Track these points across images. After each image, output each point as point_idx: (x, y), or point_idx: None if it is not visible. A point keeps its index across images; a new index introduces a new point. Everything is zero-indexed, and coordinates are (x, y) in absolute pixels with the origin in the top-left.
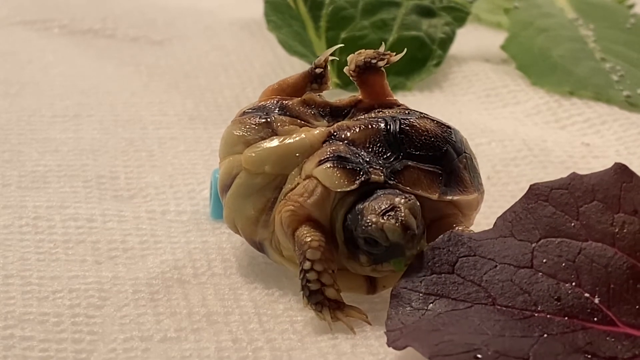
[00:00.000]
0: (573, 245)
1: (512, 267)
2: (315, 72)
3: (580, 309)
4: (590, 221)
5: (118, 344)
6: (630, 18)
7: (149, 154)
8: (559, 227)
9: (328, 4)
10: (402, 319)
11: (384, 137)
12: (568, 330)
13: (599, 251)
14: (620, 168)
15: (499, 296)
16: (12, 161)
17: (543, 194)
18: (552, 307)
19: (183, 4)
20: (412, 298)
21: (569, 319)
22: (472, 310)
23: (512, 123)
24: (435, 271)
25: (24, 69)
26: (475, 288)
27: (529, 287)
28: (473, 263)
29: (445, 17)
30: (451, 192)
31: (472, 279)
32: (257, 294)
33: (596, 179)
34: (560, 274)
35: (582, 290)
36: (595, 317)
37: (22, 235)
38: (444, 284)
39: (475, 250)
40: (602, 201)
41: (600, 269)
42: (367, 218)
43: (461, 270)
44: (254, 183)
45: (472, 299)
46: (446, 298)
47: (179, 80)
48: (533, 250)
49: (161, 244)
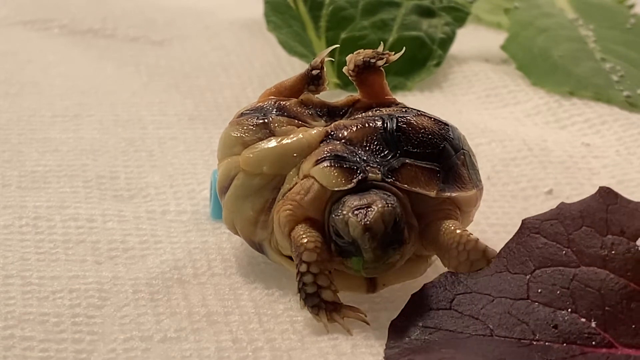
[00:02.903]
0: (566, 273)
1: (509, 299)
2: (312, 73)
3: (577, 334)
4: (581, 247)
5: (118, 344)
6: (630, 18)
7: (149, 154)
8: (551, 257)
9: (328, 4)
10: (401, 346)
11: (381, 136)
12: (567, 356)
13: (591, 275)
14: (605, 191)
15: (496, 327)
16: (12, 161)
17: (534, 227)
18: (550, 334)
19: (183, 4)
20: (410, 330)
21: (568, 344)
22: (471, 340)
23: (512, 123)
24: (433, 307)
25: (24, 69)
26: (473, 321)
27: (526, 317)
28: (470, 299)
29: (445, 17)
30: (449, 189)
31: (470, 313)
32: (257, 294)
33: (583, 205)
34: (555, 302)
35: (578, 315)
36: (593, 341)
37: (22, 236)
38: (442, 318)
39: (472, 287)
40: (590, 226)
41: (594, 292)
42: (341, 209)
43: (459, 306)
44: (252, 184)
45: (470, 331)
46: (445, 330)
47: (179, 80)
48: (528, 282)
49: (161, 244)
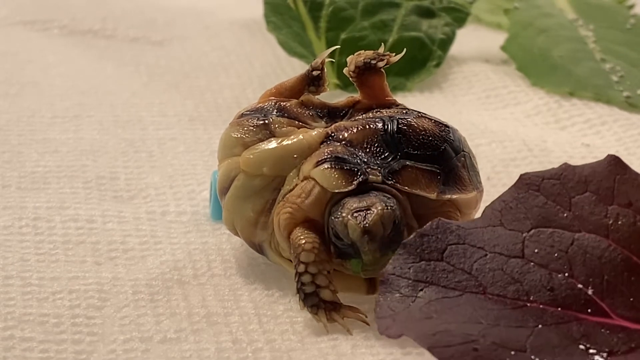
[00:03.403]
0: (565, 236)
1: (503, 256)
2: (312, 74)
3: (573, 300)
4: (583, 212)
5: (118, 345)
6: (630, 18)
7: (148, 154)
8: (551, 218)
9: (328, 4)
10: (391, 305)
11: (382, 137)
12: (562, 321)
13: (592, 242)
14: (614, 160)
15: (489, 285)
16: (12, 162)
17: (534, 184)
18: (545, 297)
19: (183, 4)
20: (400, 284)
21: (563, 309)
22: (463, 299)
23: (512, 124)
24: (424, 258)
25: (24, 69)
26: (466, 276)
27: (521, 277)
28: (462, 251)
29: (445, 17)
30: (450, 191)
31: (462, 267)
32: (257, 294)
33: (589, 170)
34: (552, 264)
35: (575, 281)
36: (589, 308)
37: (22, 236)
38: (434, 272)
39: (464, 238)
40: (595, 192)
41: (593, 260)
42: (340, 211)
43: (450, 258)
44: (252, 185)
45: (462, 287)
46: (436, 285)
47: (178, 80)
48: (524, 240)
49: (161, 245)
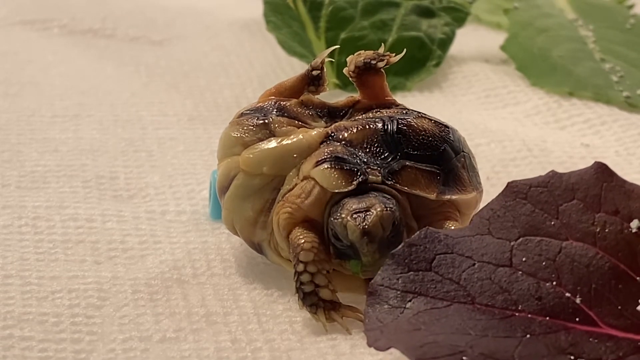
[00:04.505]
0: (553, 244)
1: (491, 265)
2: (312, 74)
3: (561, 309)
4: (571, 220)
5: (117, 344)
6: (630, 18)
7: (148, 154)
8: (539, 226)
9: (327, 4)
10: (380, 317)
11: (382, 137)
12: (550, 330)
13: (580, 250)
14: (601, 167)
15: (478, 295)
16: (12, 161)
17: (521, 192)
18: (533, 306)
19: (183, 4)
20: (389, 296)
21: (551, 319)
22: (452, 309)
23: (511, 124)
24: (412, 268)
25: (24, 69)
26: (454, 286)
27: (509, 286)
28: (451, 261)
29: (445, 17)
30: (449, 191)
31: (450, 277)
32: (256, 294)
33: (576, 178)
34: (540, 273)
35: (563, 289)
36: (577, 317)
37: (22, 236)
38: (422, 282)
39: (453, 247)
40: (582, 200)
41: (581, 268)
42: (340, 212)
43: (439, 268)
44: (252, 184)
45: (450, 298)
46: (424, 296)
47: (178, 80)
48: (512, 249)
49: (160, 244)
